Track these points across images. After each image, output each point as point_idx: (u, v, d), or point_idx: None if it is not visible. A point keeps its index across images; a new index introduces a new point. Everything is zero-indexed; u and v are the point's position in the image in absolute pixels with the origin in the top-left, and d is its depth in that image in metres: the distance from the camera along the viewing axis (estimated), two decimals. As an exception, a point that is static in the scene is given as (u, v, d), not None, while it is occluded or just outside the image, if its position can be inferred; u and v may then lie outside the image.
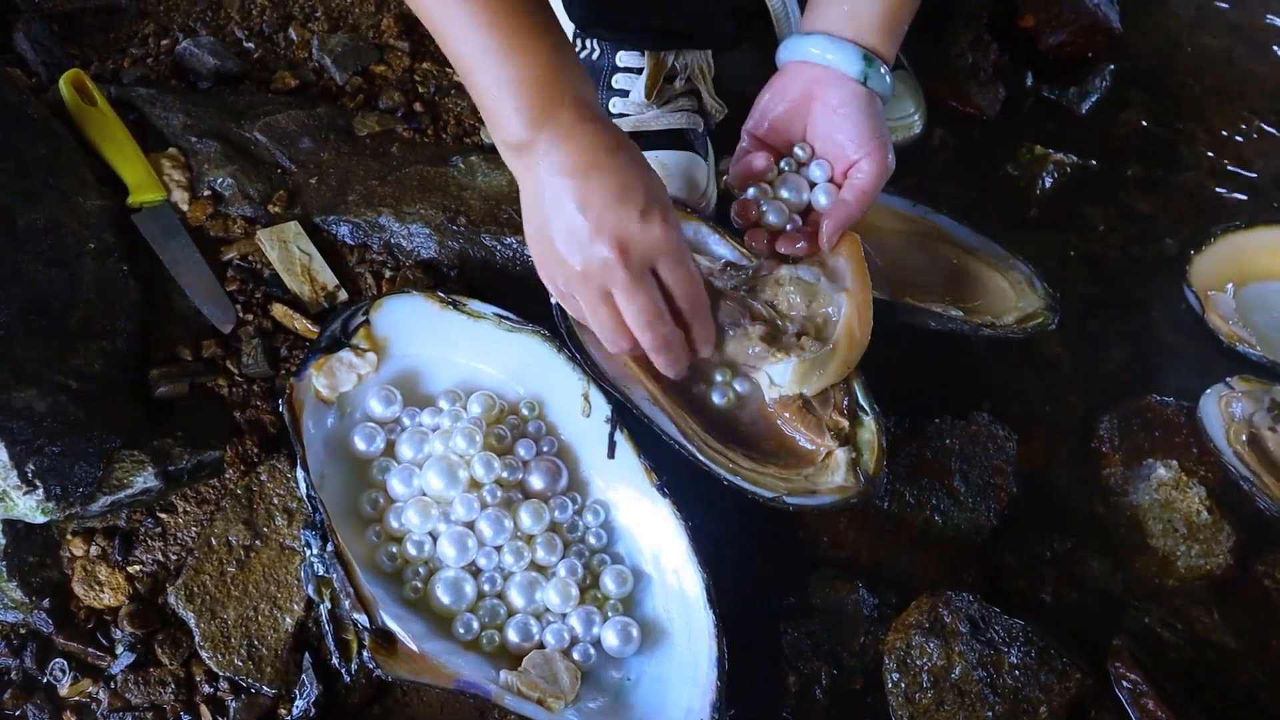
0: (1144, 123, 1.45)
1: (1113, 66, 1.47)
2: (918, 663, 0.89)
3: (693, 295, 0.85)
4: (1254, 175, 1.41)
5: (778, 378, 0.95)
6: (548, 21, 0.82)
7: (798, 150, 0.98)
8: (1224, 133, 1.46)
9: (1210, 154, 1.43)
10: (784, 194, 0.98)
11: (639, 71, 1.10)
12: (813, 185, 0.98)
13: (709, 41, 1.16)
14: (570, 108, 0.81)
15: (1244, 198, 1.39)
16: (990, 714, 0.87)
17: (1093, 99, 1.44)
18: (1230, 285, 1.22)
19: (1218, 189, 1.39)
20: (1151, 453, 1.07)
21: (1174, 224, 1.33)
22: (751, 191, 0.98)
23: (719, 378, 0.96)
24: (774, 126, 0.98)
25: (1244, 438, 1.06)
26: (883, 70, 0.94)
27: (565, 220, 0.80)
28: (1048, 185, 1.32)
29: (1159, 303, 1.24)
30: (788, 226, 0.97)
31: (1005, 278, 1.14)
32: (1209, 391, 1.10)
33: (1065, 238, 1.29)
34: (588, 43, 1.10)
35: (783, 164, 0.99)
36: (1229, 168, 1.42)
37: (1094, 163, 1.34)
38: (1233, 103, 1.50)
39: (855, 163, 0.94)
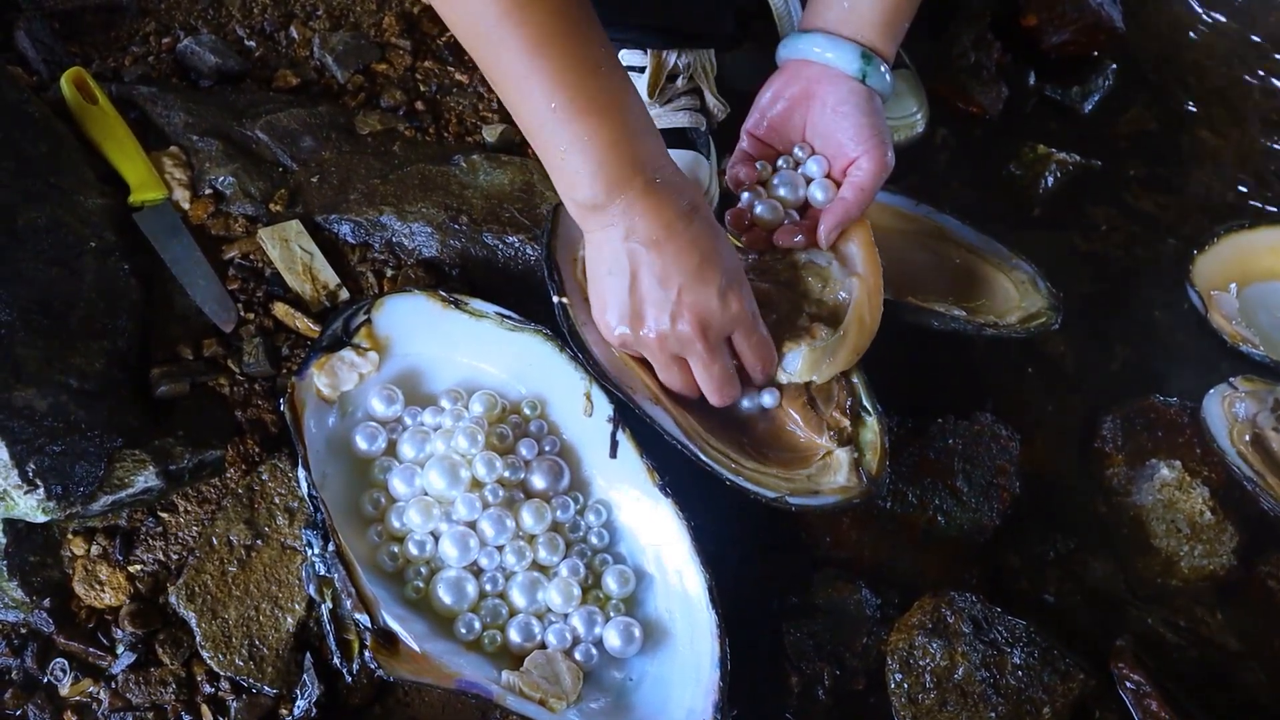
0: (1147, 122, 1.45)
1: (1115, 65, 1.47)
2: (920, 663, 0.89)
3: (766, 359, 0.90)
4: (1257, 174, 1.41)
5: (789, 365, 0.94)
6: (621, 78, 0.83)
7: (797, 150, 0.98)
8: (1227, 131, 1.46)
9: (1213, 153, 1.43)
10: (780, 191, 0.98)
11: (641, 70, 1.10)
12: (809, 182, 0.98)
13: (711, 41, 1.15)
14: (646, 171, 0.82)
15: (1247, 197, 1.38)
16: (993, 715, 0.87)
17: (1095, 98, 1.44)
18: (1233, 285, 1.22)
19: (1221, 188, 1.39)
20: (1155, 453, 1.07)
21: (1177, 223, 1.33)
22: (745, 198, 0.98)
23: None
24: (773, 125, 0.98)
25: (1247, 438, 1.06)
26: (882, 68, 0.94)
27: (647, 289, 0.84)
28: (1050, 184, 1.32)
29: (1162, 303, 1.24)
30: (785, 222, 0.97)
31: (1008, 277, 1.14)
32: (1212, 391, 1.10)
33: (1068, 237, 1.29)
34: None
35: (780, 162, 0.99)
36: (1232, 167, 1.42)
37: (1097, 162, 1.34)
38: (1236, 101, 1.50)
39: (854, 160, 0.93)
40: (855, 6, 0.94)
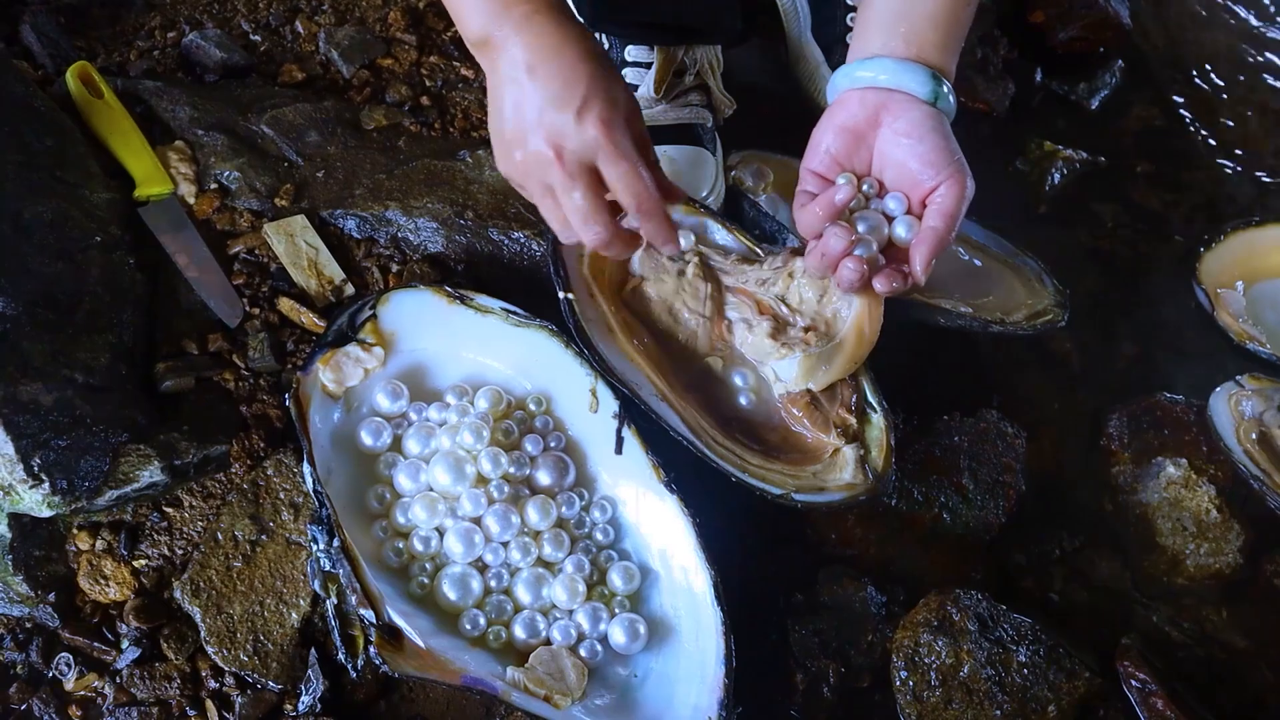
0: (1154, 119, 1.44)
1: (1122, 62, 1.46)
2: (926, 661, 0.89)
3: (633, 190, 0.82)
4: (1264, 172, 1.41)
5: (783, 373, 0.95)
6: None
7: (865, 187, 0.91)
8: (1234, 129, 1.45)
9: (1220, 150, 1.43)
10: (860, 230, 0.89)
11: (648, 66, 1.09)
12: (890, 220, 0.90)
13: (718, 37, 1.15)
14: (520, 7, 0.81)
15: (1254, 194, 1.38)
16: (999, 713, 0.86)
17: (1102, 95, 1.44)
18: (1240, 283, 1.22)
19: (1228, 185, 1.39)
20: (1161, 451, 1.07)
21: (1184, 221, 1.33)
22: (831, 241, 0.88)
23: (740, 382, 0.95)
24: (837, 160, 0.91)
25: (1254, 436, 1.06)
26: (948, 90, 0.89)
27: (510, 118, 0.82)
28: (1057, 181, 1.31)
29: (1169, 300, 1.23)
30: (858, 252, 0.88)
31: (1015, 274, 1.13)
32: (1219, 389, 1.10)
33: (1074, 234, 1.29)
34: (597, 37, 1.10)
35: (841, 182, 0.91)
36: (1239, 164, 1.41)
37: (1103, 159, 1.34)
38: (1243, 98, 1.50)
39: (934, 189, 0.87)
40: (917, 29, 0.89)
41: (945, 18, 0.89)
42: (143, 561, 0.88)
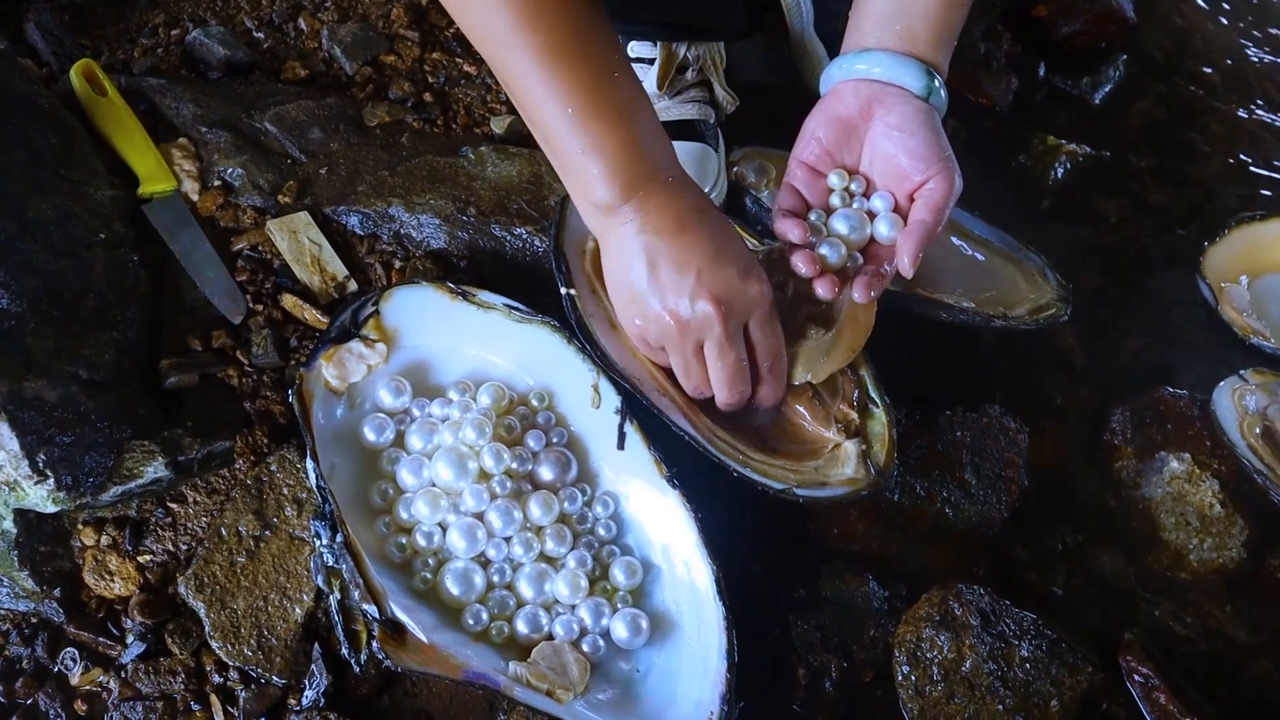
0: (1157, 113, 1.44)
1: (1126, 56, 1.46)
2: (928, 655, 0.89)
3: (776, 353, 0.89)
4: (1268, 166, 1.40)
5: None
6: (633, 82, 0.83)
7: (853, 185, 0.92)
8: (1238, 123, 1.45)
9: (1224, 145, 1.42)
10: (841, 229, 0.90)
11: (651, 62, 1.09)
12: (873, 217, 0.91)
13: (720, 33, 1.15)
14: (659, 171, 0.83)
15: (1258, 189, 1.38)
16: (1001, 707, 0.86)
17: (1106, 89, 1.43)
18: (1244, 277, 1.21)
19: (1232, 180, 1.38)
20: (1164, 446, 1.06)
21: (1187, 215, 1.32)
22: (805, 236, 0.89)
23: None
24: (827, 151, 0.92)
25: (1258, 430, 1.06)
26: (940, 86, 0.90)
27: (665, 276, 0.83)
28: (1060, 176, 1.31)
29: (1172, 295, 1.23)
30: (851, 264, 0.90)
31: (1018, 269, 1.13)
32: (1222, 384, 1.10)
33: (1078, 229, 1.28)
34: None
35: (834, 199, 0.93)
36: (1243, 158, 1.41)
37: (1107, 153, 1.34)
38: (1247, 93, 1.49)
39: (923, 183, 0.88)
40: (911, 25, 0.90)
41: (940, 15, 0.90)
42: (147, 557, 0.88)
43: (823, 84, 0.94)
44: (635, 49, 1.10)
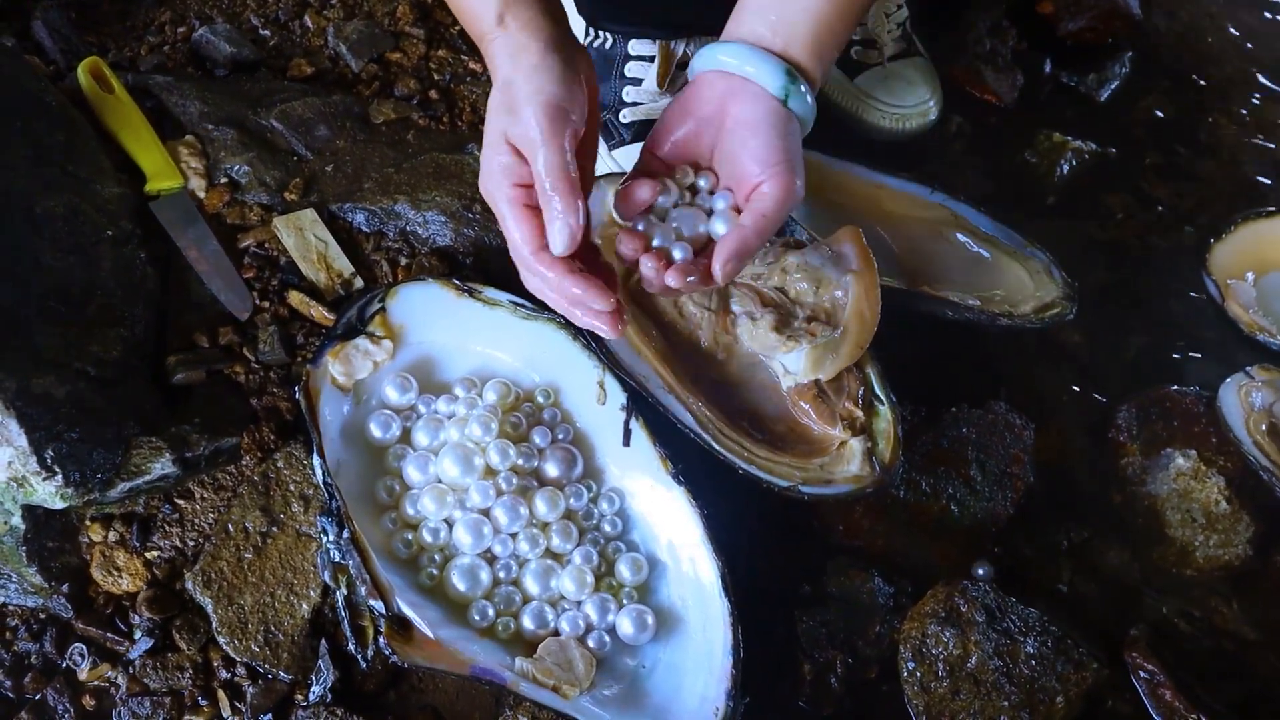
0: (1163, 110, 1.43)
1: (1132, 53, 1.45)
2: (933, 652, 0.89)
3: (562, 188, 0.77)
4: (1275, 162, 1.40)
5: (791, 366, 0.95)
6: None
7: (701, 180, 0.84)
8: (1245, 120, 1.45)
9: (1230, 141, 1.42)
10: (678, 226, 0.82)
11: (651, 60, 1.09)
12: (710, 214, 0.83)
13: (718, 30, 1.15)
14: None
15: (1265, 185, 1.37)
16: (1006, 703, 0.86)
17: (1112, 86, 1.43)
18: (1250, 274, 1.21)
19: (1238, 176, 1.38)
20: (1170, 442, 1.06)
21: (1193, 212, 1.32)
22: (640, 226, 0.82)
23: (747, 375, 0.95)
24: (677, 145, 0.85)
25: (1264, 427, 1.05)
26: (805, 91, 0.82)
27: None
28: (1066, 173, 1.31)
29: (1178, 291, 1.23)
30: (677, 255, 0.81)
31: (1023, 266, 1.13)
32: (1228, 381, 1.09)
33: (1083, 226, 1.28)
34: (600, 33, 1.10)
35: (668, 197, 0.84)
36: (1250, 155, 1.40)
37: (1113, 150, 1.33)
38: (1253, 89, 1.49)
39: (757, 185, 0.80)
40: (785, 19, 0.82)
41: (822, 16, 0.83)
42: (155, 553, 0.89)
43: (690, 69, 0.88)
44: (635, 47, 1.10)
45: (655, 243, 0.81)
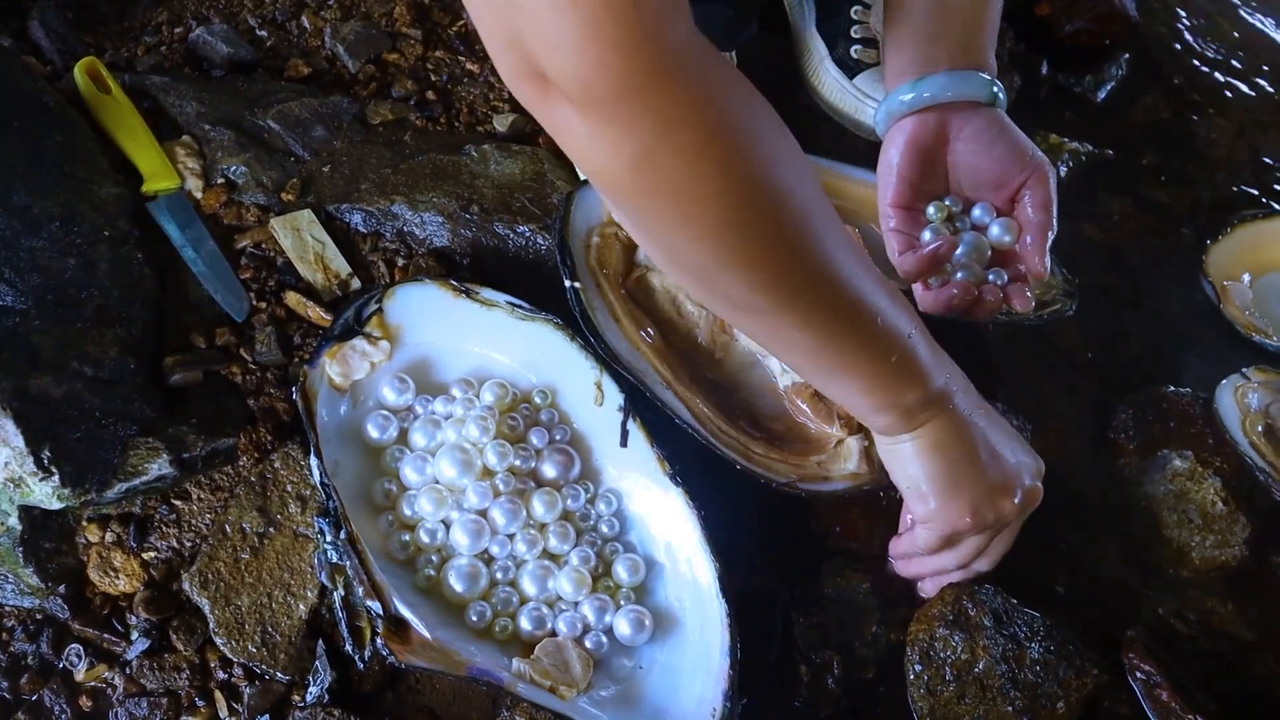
0: (1161, 111, 1.44)
1: (1129, 55, 1.46)
2: (941, 655, 0.89)
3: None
4: (1272, 164, 1.40)
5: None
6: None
7: (951, 207, 0.92)
8: (1242, 121, 1.45)
9: (1227, 143, 1.42)
10: (968, 257, 0.91)
11: None
12: (986, 230, 0.92)
13: (731, 44, 1.16)
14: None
15: (1262, 187, 1.38)
16: (1010, 709, 0.86)
17: (1109, 87, 1.43)
18: (1247, 275, 1.21)
19: (1235, 178, 1.38)
20: (1167, 443, 1.06)
21: (1190, 213, 1.32)
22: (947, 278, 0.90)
23: (743, 373, 0.95)
24: (913, 187, 0.91)
25: (1260, 428, 1.06)
26: (998, 89, 0.90)
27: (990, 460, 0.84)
28: (1063, 174, 1.31)
29: (1175, 293, 1.23)
30: (992, 280, 0.91)
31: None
32: (1225, 382, 1.10)
33: (1080, 227, 1.28)
34: None
35: (930, 211, 0.92)
36: (1247, 156, 1.41)
37: (1110, 152, 1.34)
38: (1250, 90, 1.49)
39: (1021, 185, 0.89)
40: (955, 37, 0.88)
41: (978, 17, 0.89)
42: (152, 554, 0.88)
43: (882, 121, 0.92)
44: None
45: (959, 276, 0.90)
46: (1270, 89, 1.50)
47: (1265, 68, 1.53)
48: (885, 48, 0.94)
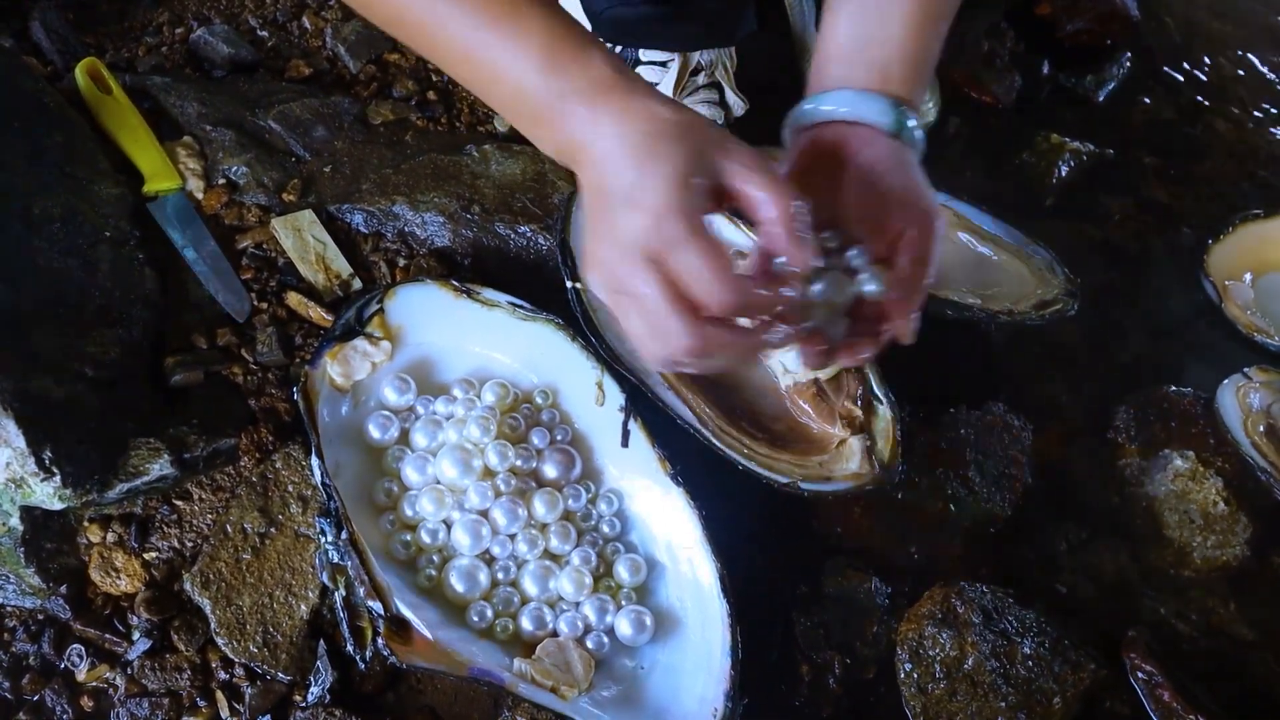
0: (1161, 111, 1.44)
1: (1130, 54, 1.46)
2: (930, 653, 0.89)
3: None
4: (1273, 163, 1.40)
5: (790, 365, 0.95)
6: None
7: (825, 235, 0.76)
8: (1242, 121, 1.45)
9: (1228, 142, 1.42)
10: (823, 295, 0.75)
11: (663, 64, 1.10)
12: (854, 274, 0.77)
13: (733, 41, 1.16)
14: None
15: (1262, 186, 1.38)
16: (1003, 704, 0.87)
17: (1110, 87, 1.43)
18: (1248, 275, 1.21)
19: (1236, 177, 1.38)
20: (1168, 443, 1.06)
21: (1191, 213, 1.32)
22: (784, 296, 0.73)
23: (746, 373, 0.94)
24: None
25: (1261, 428, 1.06)
26: (914, 123, 0.80)
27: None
28: (1064, 174, 1.31)
29: (1176, 293, 1.23)
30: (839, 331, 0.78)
31: (1025, 264, 1.13)
32: (1226, 381, 1.10)
33: (1082, 227, 1.28)
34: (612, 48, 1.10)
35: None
36: (1248, 156, 1.41)
37: (1111, 151, 1.34)
38: (1251, 90, 1.49)
39: (901, 230, 0.77)
40: (879, 59, 0.81)
41: (912, 48, 0.82)
42: (153, 554, 0.88)
43: (786, 132, 0.85)
44: (648, 53, 1.11)
45: (808, 325, 0.75)
46: (1273, 88, 1.50)
47: (1267, 67, 1.53)
48: (812, 65, 0.87)
